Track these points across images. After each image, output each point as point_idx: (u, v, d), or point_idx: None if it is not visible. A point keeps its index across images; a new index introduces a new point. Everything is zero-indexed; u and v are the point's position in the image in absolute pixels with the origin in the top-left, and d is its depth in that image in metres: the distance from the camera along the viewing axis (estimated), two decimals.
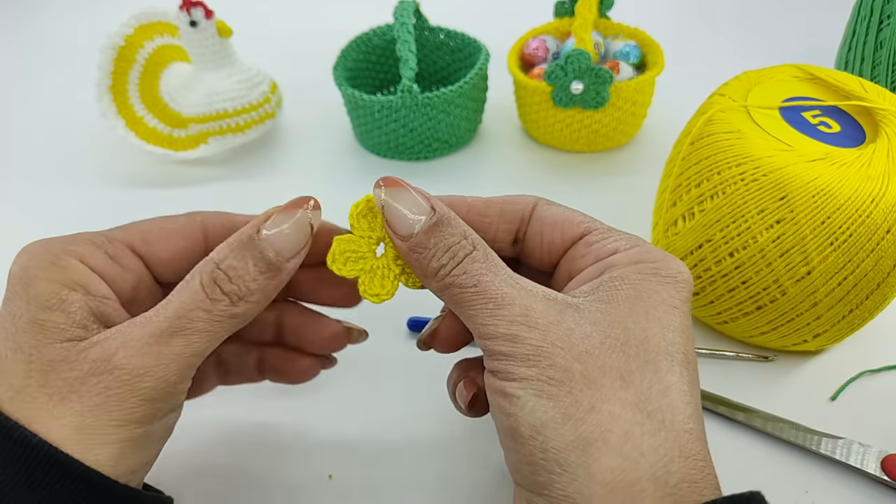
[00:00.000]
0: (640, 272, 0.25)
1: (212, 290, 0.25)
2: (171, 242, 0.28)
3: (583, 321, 0.24)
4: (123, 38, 0.53)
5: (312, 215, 0.27)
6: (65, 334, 0.23)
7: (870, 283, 0.34)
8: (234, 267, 0.25)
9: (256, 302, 0.26)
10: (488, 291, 0.25)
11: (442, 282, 0.25)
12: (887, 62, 0.52)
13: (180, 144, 0.55)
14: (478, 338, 0.25)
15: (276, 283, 0.26)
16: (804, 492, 0.34)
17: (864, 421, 0.37)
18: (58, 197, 0.54)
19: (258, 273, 0.25)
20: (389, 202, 0.26)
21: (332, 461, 0.36)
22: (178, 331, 0.24)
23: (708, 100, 0.41)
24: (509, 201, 0.29)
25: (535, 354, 0.23)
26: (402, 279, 0.28)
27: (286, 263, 0.26)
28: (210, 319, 0.24)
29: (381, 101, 0.52)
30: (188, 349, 0.24)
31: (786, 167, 0.34)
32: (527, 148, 0.59)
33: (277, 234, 0.26)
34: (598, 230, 0.28)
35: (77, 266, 0.25)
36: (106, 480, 0.22)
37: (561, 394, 0.22)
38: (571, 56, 0.50)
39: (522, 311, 0.24)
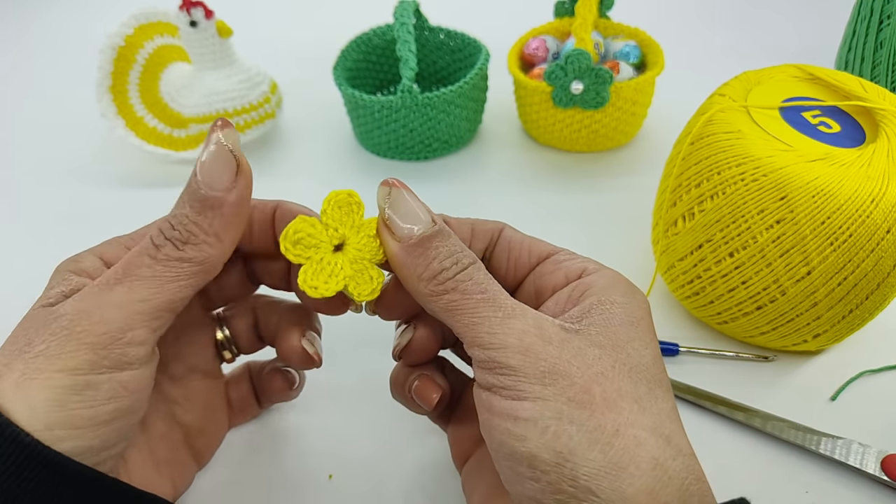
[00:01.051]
0: (624, 295, 0.25)
1: (157, 237, 0.25)
2: None
3: (590, 343, 0.23)
4: (123, 38, 0.53)
5: (223, 135, 0.25)
6: (48, 301, 0.24)
7: (870, 283, 0.34)
8: (176, 214, 0.25)
9: (205, 243, 0.25)
10: (498, 300, 0.24)
11: (442, 285, 0.24)
12: (887, 62, 0.52)
13: (180, 144, 0.55)
14: (478, 348, 0.23)
15: (222, 221, 0.25)
16: (804, 492, 0.34)
17: (864, 421, 0.37)
18: (58, 197, 0.54)
19: (195, 213, 0.25)
20: (394, 203, 0.26)
21: (332, 461, 0.36)
22: (123, 278, 0.24)
23: (708, 100, 0.41)
24: (479, 222, 0.29)
25: (552, 371, 0.22)
26: (349, 283, 0.27)
27: (225, 195, 0.25)
28: (154, 265, 0.24)
29: (381, 101, 0.52)
30: (133, 294, 0.24)
31: (786, 167, 0.34)
32: (527, 148, 0.59)
33: (202, 167, 0.25)
34: (564, 251, 0.28)
35: (90, 258, 0.27)
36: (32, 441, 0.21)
37: (584, 417, 0.21)
38: (571, 56, 0.50)
39: (536, 324, 0.23)
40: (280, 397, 0.34)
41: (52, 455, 0.21)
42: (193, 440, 0.30)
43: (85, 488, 0.22)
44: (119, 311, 0.23)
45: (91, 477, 0.22)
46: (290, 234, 0.26)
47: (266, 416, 0.38)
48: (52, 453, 0.21)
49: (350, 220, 0.27)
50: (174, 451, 0.29)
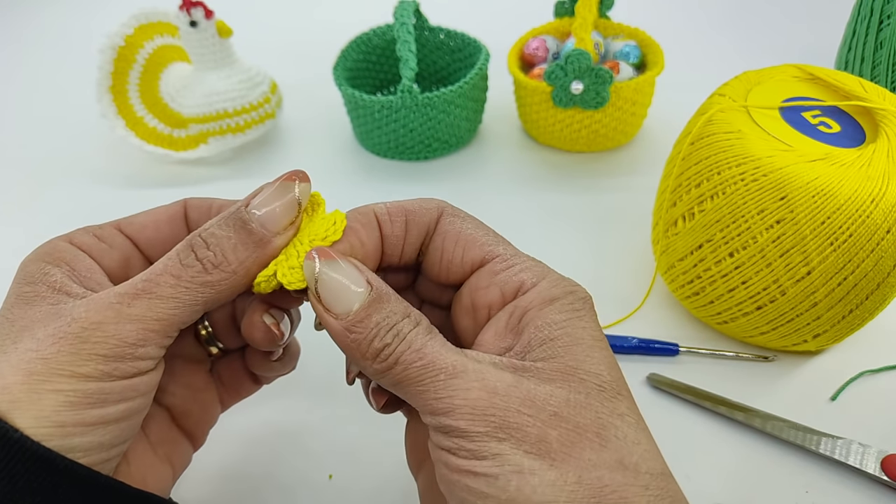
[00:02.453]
0: (561, 311, 0.24)
1: (185, 256, 0.24)
2: (153, 222, 0.29)
3: (539, 381, 0.22)
4: (123, 38, 0.53)
5: (300, 190, 0.26)
6: (46, 301, 0.24)
7: (870, 283, 0.34)
8: (215, 234, 0.24)
9: (234, 272, 0.24)
10: (437, 362, 0.22)
11: (385, 362, 0.23)
12: (887, 62, 0.52)
13: (180, 144, 0.55)
14: (429, 415, 0.22)
15: (257, 258, 0.25)
16: (804, 492, 0.34)
17: (864, 421, 0.37)
18: (58, 197, 0.54)
19: (239, 242, 0.24)
20: (323, 277, 0.24)
21: (332, 461, 0.36)
22: (143, 293, 0.24)
23: (708, 100, 0.41)
24: (413, 211, 0.27)
25: (503, 426, 0.21)
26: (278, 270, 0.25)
27: (272, 238, 0.25)
28: (178, 285, 0.24)
29: (381, 101, 0.52)
30: (150, 312, 0.23)
31: (786, 167, 0.34)
32: (527, 148, 0.59)
33: (263, 208, 0.25)
34: (500, 256, 0.26)
35: (64, 245, 0.26)
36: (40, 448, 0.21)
37: (544, 467, 0.21)
38: (571, 56, 0.50)
39: (478, 377, 0.22)
40: (269, 367, 0.32)
41: (45, 452, 0.21)
42: (182, 422, 0.30)
43: (82, 488, 0.22)
44: (135, 327, 0.23)
45: (87, 476, 0.22)
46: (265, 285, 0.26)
47: (266, 416, 0.38)
48: (45, 450, 0.21)
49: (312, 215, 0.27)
50: (166, 432, 0.29)
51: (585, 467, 0.21)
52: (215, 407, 0.32)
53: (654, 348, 0.41)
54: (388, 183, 0.55)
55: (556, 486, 0.20)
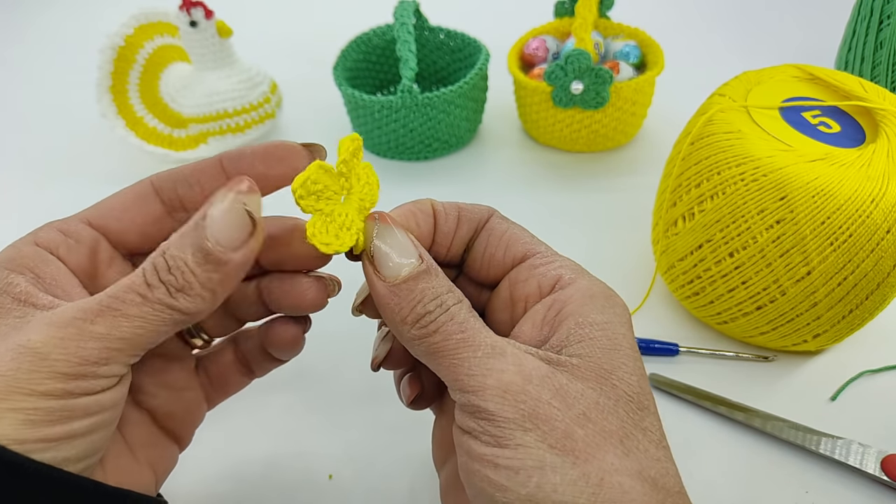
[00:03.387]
0: (603, 312, 0.24)
1: (151, 276, 0.23)
2: (123, 210, 0.28)
3: (572, 377, 0.22)
4: (123, 38, 0.53)
5: (247, 201, 0.24)
6: (11, 314, 0.23)
7: (870, 283, 0.34)
8: (174, 256, 0.23)
9: (199, 296, 0.23)
10: (476, 338, 0.23)
11: (425, 328, 0.23)
12: (887, 62, 0.52)
13: (180, 144, 0.55)
14: (459, 391, 0.22)
15: (220, 278, 0.23)
16: (804, 492, 0.34)
17: (864, 421, 0.37)
18: (58, 197, 0.54)
19: (196, 265, 0.23)
20: (379, 240, 0.25)
21: (332, 461, 0.36)
22: (107, 310, 0.22)
23: (708, 100, 0.41)
24: (466, 209, 0.28)
25: (531, 415, 0.21)
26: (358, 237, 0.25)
27: (231, 255, 0.23)
28: (143, 304, 0.23)
29: (381, 101, 0.52)
30: (114, 331, 0.22)
31: (786, 167, 0.34)
32: (527, 148, 0.59)
33: (215, 222, 0.23)
34: (540, 254, 0.27)
35: (28, 250, 0.25)
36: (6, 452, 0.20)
37: (567, 465, 0.20)
38: (571, 56, 0.50)
39: (515, 361, 0.22)
40: (292, 346, 0.31)
41: (11, 456, 0.21)
42: (165, 424, 0.29)
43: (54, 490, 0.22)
44: (97, 345, 0.22)
45: (60, 478, 0.22)
46: (307, 184, 0.24)
47: (266, 416, 0.38)
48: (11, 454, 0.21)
49: (356, 167, 0.26)
50: (147, 436, 0.28)
51: (608, 471, 0.21)
52: (201, 406, 0.31)
53: (654, 348, 0.41)
54: (388, 183, 0.55)
55: (578, 486, 0.20)
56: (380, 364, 0.29)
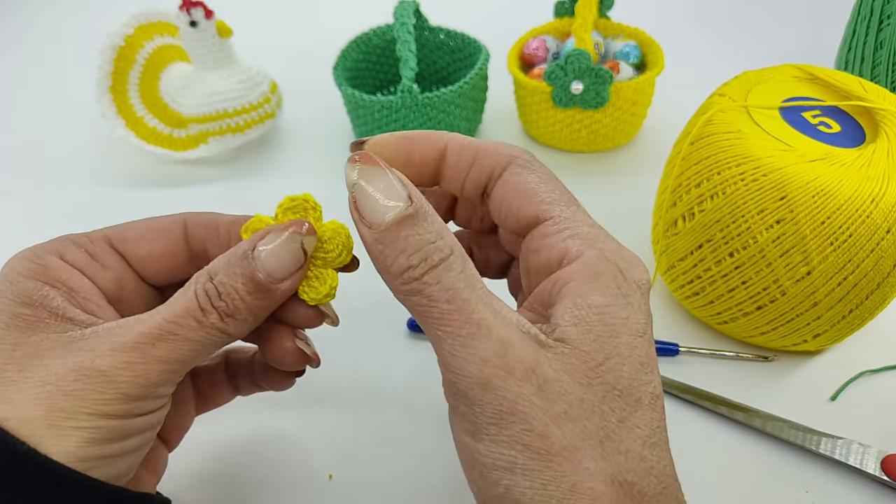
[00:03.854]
0: (605, 293, 0.22)
1: (204, 301, 0.24)
2: (149, 240, 0.28)
3: (559, 368, 0.21)
4: (123, 38, 0.53)
5: (306, 240, 0.26)
6: (50, 328, 0.24)
7: (870, 283, 0.34)
8: (224, 283, 0.24)
9: (244, 321, 0.25)
10: (464, 311, 0.21)
11: (408, 286, 0.22)
12: (887, 62, 0.52)
13: (180, 144, 0.55)
14: (442, 366, 0.22)
15: (266, 305, 0.25)
16: (804, 492, 0.34)
17: (864, 421, 0.37)
18: (58, 197, 0.54)
19: (246, 293, 0.24)
20: (362, 183, 0.23)
21: (332, 461, 0.36)
22: (167, 335, 0.24)
23: (708, 100, 0.41)
24: (484, 150, 0.26)
25: (510, 411, 0.20)
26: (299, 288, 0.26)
27: (278, 285, 0.25)
28: (199, 329, 0.24)
29: (381, 101, 0.52)
30: (174, 354, 0.24)
31: (786, 167, 0.34)
32: (527, 148, 0.58)
33: (269, 256, 0.25)
34: (552, 219, 0.25)
35: (57, 263, 0.25)
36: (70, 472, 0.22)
37: (539, 468, 0.20)
38: (571, 56, 0.50)
39: (500, 348, 0.21)
40: (282, 386, 0.32)
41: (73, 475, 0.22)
42: (161, 430, 0.30)
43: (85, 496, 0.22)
44: (159, 367, 0.24)
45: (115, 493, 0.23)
46: (249, 230, 0.27)
47: (266, 417, 0.38)
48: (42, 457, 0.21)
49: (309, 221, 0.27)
50: None
51: (582, 475, 0.20)
52: (192, 414, 0.32)
53: (655, 348, 0.41)
54: None
55: (547, 492, 0.20)
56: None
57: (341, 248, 0.27)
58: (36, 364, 0.23)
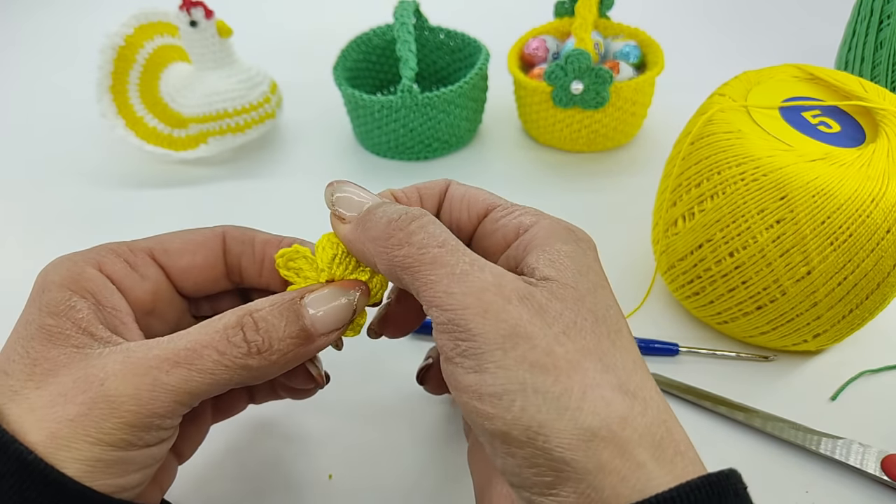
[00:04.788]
0: (567, 243, 0.24)
1: (233, 334, 0.24)
2: (189, 252, 0.28)
3: (550, 297, 0.22)
4: (123, 38, 0.53)
5: (358, 301, 0.26)
6: (70, 341, 0.23)
7: (870, 283, 0.34)
8: (266, 319, 0.24)
9: (275, 362, 0.24)
10: (455, 252, 0.22)
11: (394, 237, 0.23)
12: (887, 62, 0.52)
13: (180, 144, 0.55)
14: (436, 309, 0.22)
15: (300, 352, 0.25)
16: (804, 492, 0.34)
17: (864, 421, 0.37)
18: (58, 197, 0.54)
19: (287, 335, 0.24)
20: (339, 193, 0.26)
21: (332, 461, 0.36)
22: (182, 363, 0.23)
23: (708, 100, 0.41)
24: (425, 186, 0.29)
25: (512, 334, 0.21)
26: None
27: (319, 337, 0.25)
28: (219, 361, 0.23)
29: (381, 101, 0.52)
30: (186, 385, 0.23)
31: (786, 167, 0.34)
32: (527, 148, 0.59)
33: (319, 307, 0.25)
34: (500, 206, 0.27)
35: (91, 273, 0.25)
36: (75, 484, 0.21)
37: (548, 382, 0.20)
38: (571, 56, 0.50)
39: (495, 279, 0.22)
40: (303, 397, 0.33)
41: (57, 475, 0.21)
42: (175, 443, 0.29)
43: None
44: (168, 398, 0.23)
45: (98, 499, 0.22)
46: (284, 257, 0.28)
47: (265, 417, 0.38)
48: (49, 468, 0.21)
49: (345, 262, 0.27)
50: None
51: (590, 385, 0.21)
52: (206, 428, 0.31)
53: (654, 348, 0.41)
54: (388, 183, 0.55)
55: (561, 403, 0.20)
56: (374, 329, 0.30)
57: (379, 286, 0.28)
58: (50, 381, 0.22)
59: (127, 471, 0.23)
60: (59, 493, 0.21)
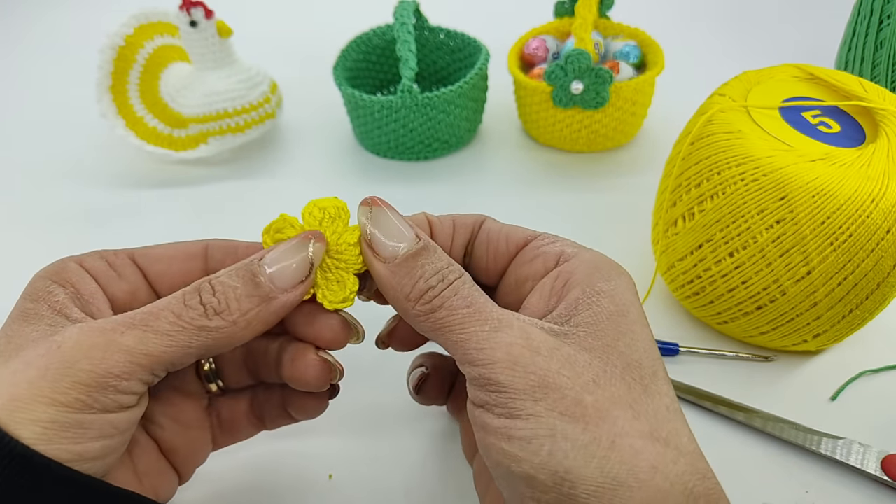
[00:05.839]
0: (608, 280, 0.25)
1: (190, 297, 0.24)
2: (168, 257, 0.29)
3: (578, 348, 0.23)
4: (123, 38, 0.53)
5: (314, 250, 0.26)
6: (44, 321, 0.24)
7: (870, 283, 0.34)
8: (223, 282, 0.25)
9: (234, 322, 0.24)
10: (483, 312, 0.23)
11: (429, 304, 0.24)
12: (887, 62, 0.52)
13: (180, 144, 0.55)
14: (468, 365, 0.23)
15: (264, 312, 0.25)
16: (804, 492, 0.34)
17: (864, 421, 0.37)
18: (57, 197, 0.54)
19: (245, 294, 0.25)
20: (374, 224, 0.26)
21: (332, 461, 0.36)
22: (138, 325, 0.23)
23: (708, 100, 0.41)
24: (460, 217, 0.30)
25: (541, 385, 0.21)
26: (318, 292, 0.27)
27: (280, 294, 0.25)
28: (175, 323, 0.24)
29: (381, 101, 0.52)
30: (142, 345, 0.23)
31: (786, 167, 0.34)
32: (527, 148, 0.59)
33: (275, 264, 0.25)
34: (541, 236, 0.28)
35: (72, 266, 0.26)
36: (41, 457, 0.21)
37: (577, 431, 0.21)
38: (571, 56, 0.50)
39: (523, 335, 0.22)
40: (314, 414, 0.31)
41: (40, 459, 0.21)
42: (169, 456, 0.29)
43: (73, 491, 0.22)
44: (122, 357, 0.23)
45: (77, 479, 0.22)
46: (270, 230, 0.27)
47: None
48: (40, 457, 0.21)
49: (332, 227, 0.27)
50: (155, 464, 0.28)
51: (619, 434, 0.21)
52: (206, 446, 0.31)
53: None
54: (388, 183, 0.55)
55: (589, 451, 0.21)
56: (383, 340, 0.30)
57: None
58: (20, 354, 0.23)
59: (84, 437, 0.22)
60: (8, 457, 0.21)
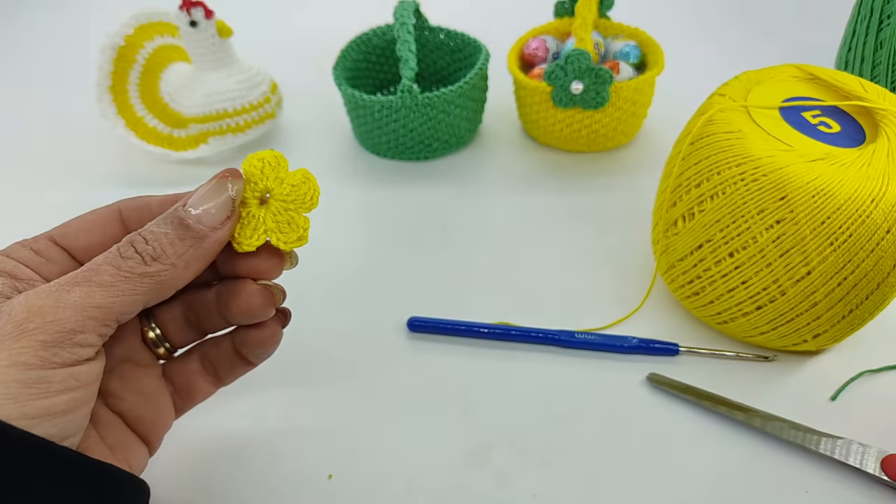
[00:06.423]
0: None
1: (125, 250, 0.26)
2: (86, 230, 0.30)
3: None
4: (123, 38, 0.53)
5: (234, 188, 0.27)
6: None
7: (870, 283, 0.34)
8: (153, 231, 0.26)
9: (172, 265, 0.26)
10: None
11: None
12: (887, 62, 0.52)
13: (180, 144, 0.55)
14: None
15: (200, 251, 0.27)
16: (804, 492, 0.34)
17: (864, 421, 0.37)
18: (57, 197, 0.54)
19: (176, 237, 0.26)
20: None
21: (332, 461, 0.36)
22: (81, 282, 0.25)
23: (708, 100, 0.41)
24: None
25: None
26: (272, 236, 0.28)
27: (210, 233, 0.27)
28: (117, 274, 0.25)
29: (381, 101, 0.52)
30: (89, 299, 0.24)
31: (786, 167, 0.34)
32: (527, 148, 0.59)
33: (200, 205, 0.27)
34: None
35: (2, 259, 0.27)
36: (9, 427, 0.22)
37: None
38: (571, 56, 0.50)
39: None
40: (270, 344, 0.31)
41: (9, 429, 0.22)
42: (136, 428, 0.30)
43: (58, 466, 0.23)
44: (73, 312, 0.24)
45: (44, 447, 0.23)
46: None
47: (265, 416, 0.38)
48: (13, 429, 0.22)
49: (273, 173, 0.29)
50: (122, 437, 0.29)
51: None
52: (169, 412, 0.32)
53: (654, 348, 0.41)
54: (388, 183, 0.55)
55: None
56: None
57: (313, 191, 0.29)
58: None
59: (49, 391, 0.23)
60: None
